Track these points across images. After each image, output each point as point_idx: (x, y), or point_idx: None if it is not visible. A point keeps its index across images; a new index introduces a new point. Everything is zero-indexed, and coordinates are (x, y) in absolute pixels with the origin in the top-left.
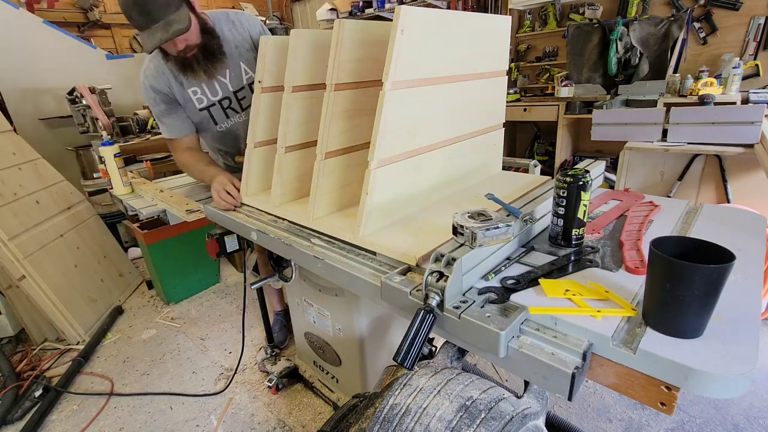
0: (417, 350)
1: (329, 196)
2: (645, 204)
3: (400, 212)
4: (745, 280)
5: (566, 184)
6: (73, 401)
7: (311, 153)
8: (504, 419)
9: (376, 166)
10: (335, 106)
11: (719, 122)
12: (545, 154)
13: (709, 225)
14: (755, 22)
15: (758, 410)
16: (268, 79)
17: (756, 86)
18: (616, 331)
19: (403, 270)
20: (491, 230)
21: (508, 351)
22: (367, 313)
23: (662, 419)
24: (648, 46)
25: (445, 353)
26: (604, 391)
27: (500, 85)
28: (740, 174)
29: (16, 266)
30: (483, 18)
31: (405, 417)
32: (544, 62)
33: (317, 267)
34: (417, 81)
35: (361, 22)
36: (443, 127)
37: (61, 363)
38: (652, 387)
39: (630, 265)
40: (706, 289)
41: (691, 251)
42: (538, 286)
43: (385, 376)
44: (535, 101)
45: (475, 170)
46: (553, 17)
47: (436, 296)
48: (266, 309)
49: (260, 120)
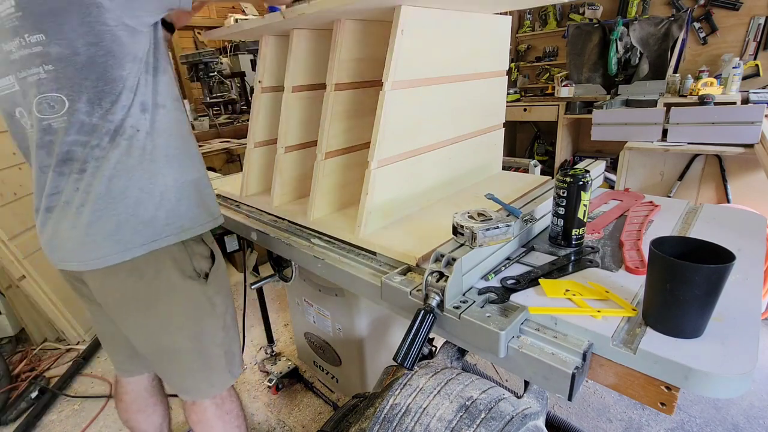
0: (417, 350)
1: (329, 196)
2: (645, 204)
3: (400, 212)
4: (745, 280)
5: (566, 184)
6: (73, 401)
7: (311, 153)
8: (504, 419)
9: (376, 166)
10: (335, 106)
11: (719, 122)
12: (545, 154)
13: (709, 225)
14: (755, 22)
15: (758, 410)
16: (268, 79)
17: (756, 86)
18: (616, 331)
19: (403, 270)
20: (491, 230)
21: (508, 351)
22: (367, 313)
23: (662, 419)
24: (648, 46)
25: (445, 353)
26: (604, 391)
27: (500, 85)
28: (740, 174)
29: (16, 266)
30: (483, 18)
31: (405, 417)
32: (544, 62)
33: (317, 267)
34: (417, 81)
35: (362, 22)
36: (443, 127)
37: (61, 363)
38: (652, 387)
39: (630, 265)
40: (706, 289)
41: (691, 251)
42: (538, 286)
43: (385, 376)
44: (535, 101)
45: (475, 170)
46: (553, 17)
47: (436, 296)
48: (266, 309)
49: (260, 120)
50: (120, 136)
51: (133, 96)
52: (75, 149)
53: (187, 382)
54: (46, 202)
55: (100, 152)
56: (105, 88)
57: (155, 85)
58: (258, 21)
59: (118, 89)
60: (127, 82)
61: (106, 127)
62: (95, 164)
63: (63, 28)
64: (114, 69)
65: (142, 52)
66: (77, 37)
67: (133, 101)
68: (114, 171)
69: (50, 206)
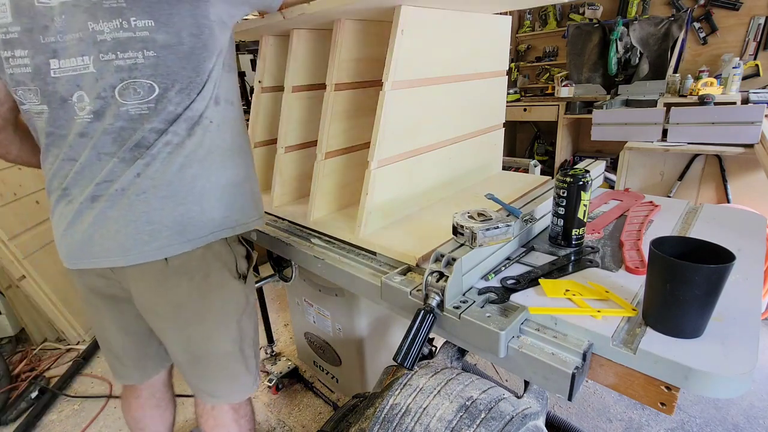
0: (417, 350)
1: (329, 196)
2: (645, 204)
3: (400, 212)
4: (745, 280)
5: (566, 184)
6: (73, 401)
7: (311, 153)
8: (504, 419)
9: (376, 166)
10: (335, 106)
11: (719, 122)
12: (545, 154)
13: (709, 225)
14: (755, 22)
15: (758, 410)
16: (268, 79)
17: (756, 86)
18: (616, 331)
19: (403, 270)
20: (491, 230)
21: (508, 351)
22: (367, 313)
23: (662, 419)
24: (648, 46)
25: (445, 353)
26: (604, 391)
27: (500, 85)
28: (740, 174)
29: (16, 266)
30: (483, 18)
31: (405, 417)
32: (544, 62)
33: (317, 267)
34: (417, 81)
35: (362, 22)
36: (443, 127)
37: (61, 363)
38: (652, 387)
39: (630, 265)
40: (706, 289)
41: (691, 251)
42: (538, 286)
43: (385, 376)
44: (535, 101)
45: (475, 170)
46: (553, 17)
47: (436, 296)
48: (266, 309)
49: (260, 120)
50: (197, 125)
51: (214, 89)
52: (150, 136)
53: (221, 386)
54: (93, 191)
55: (176, 139)
56: (196, 79)
57: (227, 81)
58: (258, 21)
59: (204, 81)
60: (212, 74)
61: (187, 116)
62: (168, 151)
63: (173, 18)
64: (206, 61)
65: (225, 47)
66: (184, 28)
67: (212, 94)
68: (186, 160)
69: (97, 195)
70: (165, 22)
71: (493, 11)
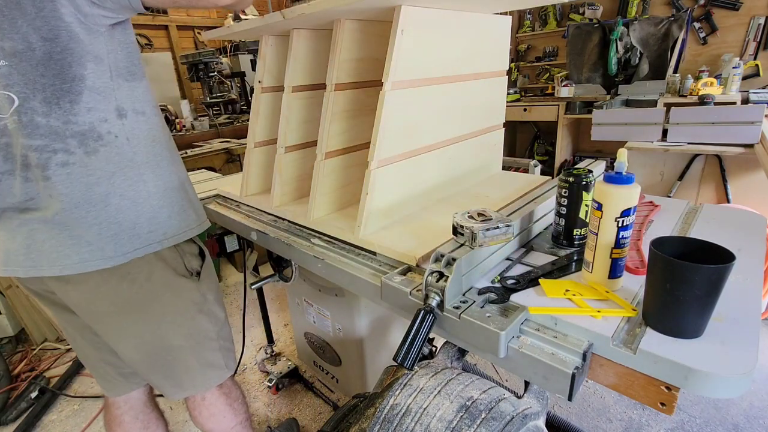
0: (417, 350)
1: (329, 196)
2: (645, 204)
3: (400, 212)
4: (745, 280)
5: (568, 184)
6: (73, 401)
7: (311, 153)
8: (504, 419)
9: (376, 167)
10: (335, 106)
11: (719, 122)
12: (545, 154)
13: (709, 225)
14: (755, 22)
15: (758, 410)
16: (268, 79)
17: (756, 86)
18: (616, 332)
19: (403, 270)
20: (491, 230)
21: (508, 351)
22: (367, 313)
23: (662, 419)
24: (648, 46)
25: (445, 353)
26: (604, 391)
27: (500, 85)
28: (740, 174)
29: None
30: (483, 18)
31: (405, 417)
32: (544, 62)
33: (317, 267)
34: (417, 81)
35: (361, 22)
36: (443, 127)
37: (61, 363)
38: (652, 387)
39: (630, 265)
40: (706, 289)
41: (691, 251)
42: (538, 286)
43: (385, 376)
44: (535, 101)
45: (475, 170)
46: (553, 17)
47: (436, 296)
48: (266, 309)
49: (260, 120)
50: (96, 142)
51: (105, 100)
52: (30, 154)
53: (184, 381)
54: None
55: (72, 159)
56: (63, 86)
57: (132, 91)
58: (258, 21)
59: (78, 89)
60: (87, 81)
61: (71, 129)
62: (67, 172)
63: (17, 22)
64: (71, 67)
65: (104, 53)
66: (32, 32)
67: (107, 106)
68: (93, 179)
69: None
70: (8, 28)
71: (493, 11)
